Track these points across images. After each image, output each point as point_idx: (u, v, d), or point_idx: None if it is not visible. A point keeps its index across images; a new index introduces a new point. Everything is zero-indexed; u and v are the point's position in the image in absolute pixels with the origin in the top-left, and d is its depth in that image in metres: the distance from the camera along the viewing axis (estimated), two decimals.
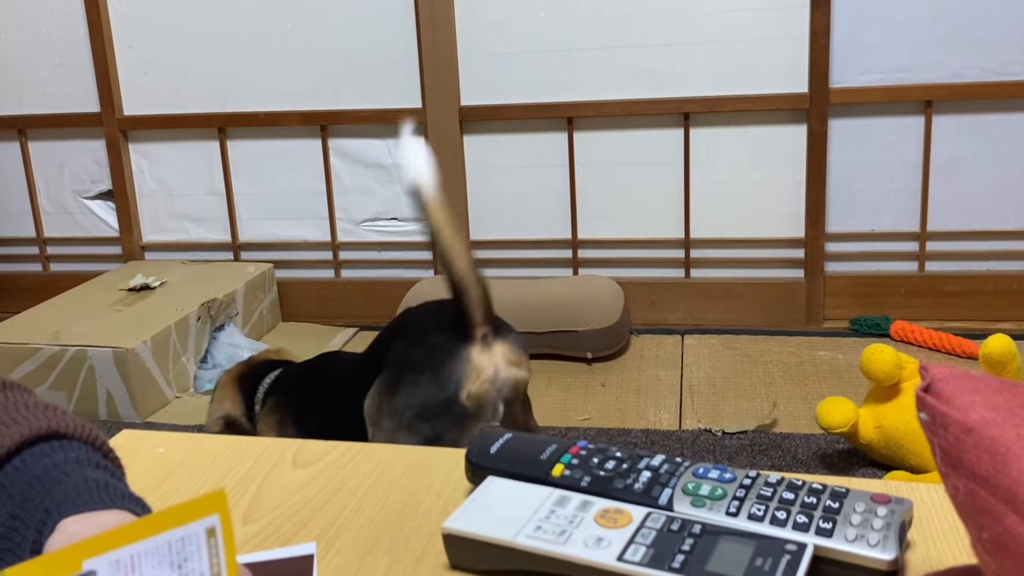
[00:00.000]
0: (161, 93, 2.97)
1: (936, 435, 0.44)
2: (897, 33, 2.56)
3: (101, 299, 2.72)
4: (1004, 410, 0.42)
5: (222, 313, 2.65)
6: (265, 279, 2.89)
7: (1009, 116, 2.57)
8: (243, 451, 0.76)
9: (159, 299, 2.69)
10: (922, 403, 0.45)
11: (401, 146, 1.53)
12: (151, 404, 2.43)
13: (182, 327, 2.54)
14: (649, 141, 2.74)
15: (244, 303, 2.78)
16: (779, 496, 0.59)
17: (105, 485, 0.50)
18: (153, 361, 2.43)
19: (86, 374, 2.39)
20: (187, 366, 2.56)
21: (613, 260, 2.86)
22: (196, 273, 2.87)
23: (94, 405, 2.41)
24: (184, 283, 2.79)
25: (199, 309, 2.59)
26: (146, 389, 2.41)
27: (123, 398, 2.38)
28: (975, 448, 0.41)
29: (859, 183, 2.69)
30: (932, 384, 0.45)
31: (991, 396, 0.43)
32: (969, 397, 0.43)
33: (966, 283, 2.69)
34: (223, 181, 3.01)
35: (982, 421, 0.42)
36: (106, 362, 2.37)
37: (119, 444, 0.78)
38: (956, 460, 0.42)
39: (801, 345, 2.63)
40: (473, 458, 0.66)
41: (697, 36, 2.64)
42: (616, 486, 0.61)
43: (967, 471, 0.41)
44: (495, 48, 2.75)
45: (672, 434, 2.11)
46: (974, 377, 0.45)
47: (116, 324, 2.53)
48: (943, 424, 0.43)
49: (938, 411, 0.44)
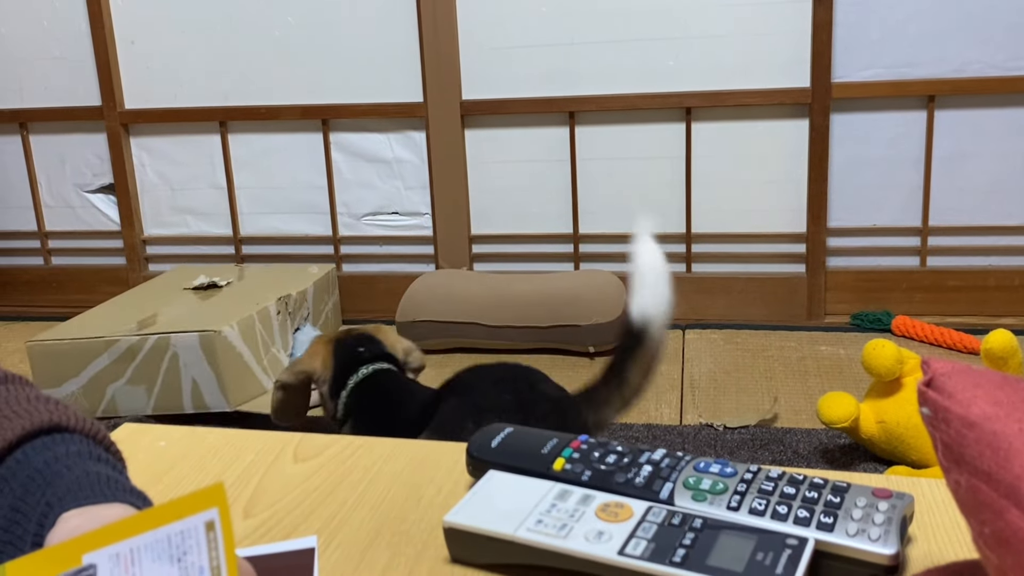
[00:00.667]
0: (162, 87, 2.97)
1: (938, 430, 0.44)
2: (900, 28, 2.55)
3: (168, 297, 2.58)
4: (1006, 405, 0.42)
5: (298, 312, 2.55)
6: (329, 280, 2.80)
7: (1012, 111, 2.57)
8: (245, 444, 0.76)
9: (230, 296, 2.56)
10: (924, 398, 0.45)
11: (636, 255, 1.36)
12: (244, 391, 2.28)
13: (265, 318, 2.40)
14: (651, 135, 2.74)
15: (313, 303, 2.69)
16: (780, 491, 0.59)
17: (107, 479, 0.50)
18: (244, 346, 2.29)
19: (169, 363, 2.24)
20: (279, 356, 2.43)
21: (614, 255, 2.85)
22: (256, 274, 2.76)
23: (177, 397, 2.27)
24: (249, 283, 2.67)
25: (277, 303, 2.47)
26: (238, 375, 2.27)
27: (211, 386, 2.24)
28: (977, 443, 0.41)
29: (861, 178, 2.69)
30: (934, 379, 0.45)
31: (993, 391, 0.43)
32: (971, 392, 0.43)
33: (967, 278, 2.69)
34: (224, 175, 3.01)
35: (984, 416, 0.42)
36: (192, 348, 2.22)
37: (120, 438, 0.78)
38: (958, 455, 0.42)
39: (802, 340, 2.63)
40: (474, 452, 0.66)
41: (698, 30, 2.64)
42: (617, 480, 0.61)
43: (969, 466, 0.41)
44: (496, 42, 2.74)
45: (673, 428, 2.11)
46: (976, 372, 0.45)
47: (195, 315, 2.38)
48: (945, 419, 0.43)
49: (940, 406, 0.44)
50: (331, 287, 2.82)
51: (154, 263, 3.15)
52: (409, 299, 2.59)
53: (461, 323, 2.53)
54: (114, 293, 3.13)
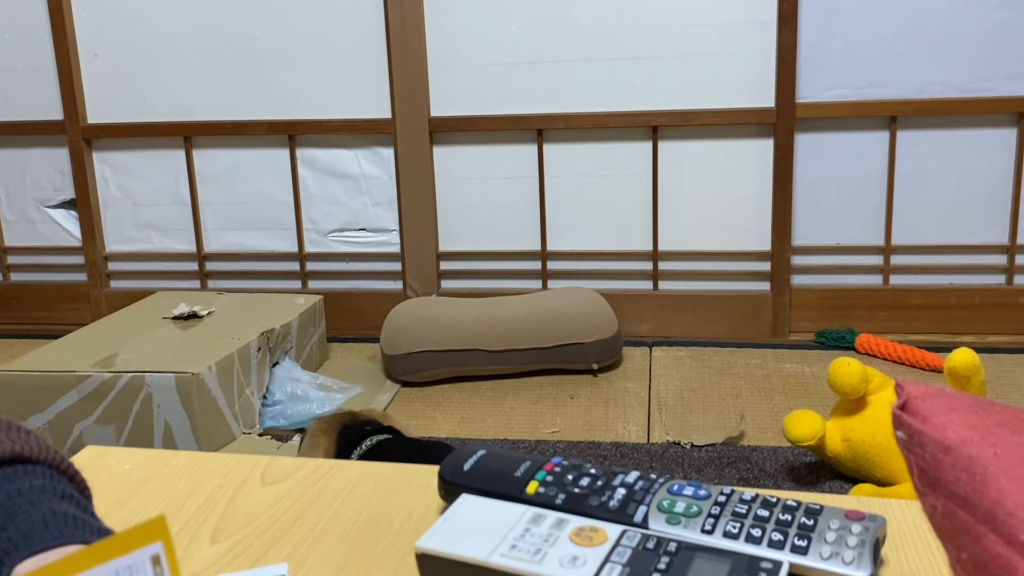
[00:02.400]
0: (126, 101, 2.94)
1: (913, 454, 0.43)
2: (863, 49, 2.59)
3: (145, 327, 2.45)
4: (980, 428, 0.42)
5: (279, 346, 2.44)
6: (315, 312, 2.68)
7: (972, 132, 2.61)
8: (211, 468, 0.75)
9: (210, 328, 2.43)
10: (899, 421, 0.45)
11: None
12: (216, 439, 2.16)
13: (244, 357, 2.27)
14: (618, 154, 2.76)
15: (297, 337, 2.56)
16: (754, 513, 0.59)
17: (72, 519, 0.49)
18: (219, 390, 2.17)
19: (142, 404, 2.12)
20: (251, 400, 2.30)
21: (582, 272, 2.86)
22: (239, 303, 2.64)
23: (148, 440, 2.13)
24: (232, 313, 2.55)
25: (259, 339, 2.34)
26: (211, 421, 2.14)
27: (184, 431, 2.11)
28: (953, 467, 0.41)
29: (825, 197, 2.72)
30: (908, 402, 0.45)
31: (967, 414, 0.43)
32: (945, 415, 0.43)
33: (930, 296, 2.73)
34: (188, 190, 2.98)
35: (959, 440, 0.41)
36: (167, 389, 2.09)
37: (83, 461, 0.76)
38: (933, 479, 0.42)
39: (768, 357, 2.65)
40: (446, 475, 0.66)
41: (666, 50, 2.66)
42: (591, 503, 0.61)
43: (945, 490, 0.41)
44: (465, 59, 2.75)
45: (641, 447, 2.11)
46: (949, 395, 0.45)
47: (172, 351, 2.25)
48: (920, 443, 0.43)
49: (915, 429, 0.43)
50: (317, 319, 2.70)
51: (116, 279, 3.10)
52: (397, 330, 2.51)
53: (461, 351, 2.48)
54: (75, 310, 3.09)
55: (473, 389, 2.49)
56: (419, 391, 2.50)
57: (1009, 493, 0.38)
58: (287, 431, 2.27)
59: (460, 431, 2.24)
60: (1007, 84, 2.56)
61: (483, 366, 2.50)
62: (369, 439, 1.63)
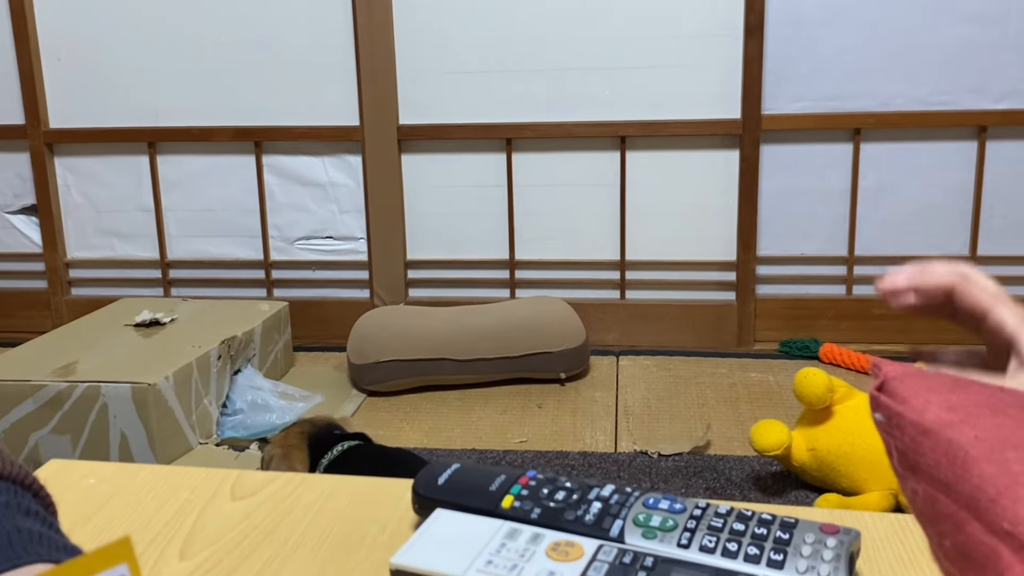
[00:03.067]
0: (89, 106, 2.90)
1: (892, 436, 0.42)
2: (828, 62, 2.62)
3: (106, 335, 2.41)
4: (960, 410, 0.41)
5: (241, 354, 2.41)
6: (280, 319, 2.65)
7: (933, 145, 2.65)
8: (179, 481, 0.74)
9: (172, 336, 2.41)
10: (876, 403, 0.43)
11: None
12: (172, 449, 2.14)
13: (204, 365, 2.25)
14: (587, 163, 2.76)
15: (261, 344, 2.53)
16: (729, 527, 0.59)
17: (39, 536, 0.47)
18: (176, 400, 2.15)
19: (98, 414, 2.09)
20: (209, 409, 2.27)
21: (550, 281, 2.86)
22: (202, 310, 2.61)
23: (105, 450, 2.11)
24: (195, 320, 2.52)
25: (219, 347, 2.32)
26: (168, 432, 2.12)
27: (141, 442, 2.09)
28: (932, 451, 0.40)
29: (790, 208, 2.75)
30: (885, 382, 0.43)
31: (946, 394, 0.42)
32: (924, 396, 0.42)
33: (891, 307, 2.75)
34: (152, 197, 2.94)
35: (939, 422, 0.40)
36: (123, 400, 2.07)
37: (47, 475, 0.75)
38: (913, 463, 0.41)
39: (733, 366, 2.66)
40: (420, 490, 0.65)
41: (634, 61, 2.67)
42: (567, 517, 0.61)
43: (926, 475, 0.40)
44: (434, 67, 2.74)
45: (609, 456, 2.11)
46: (928, 375, 0.43)
47: (130, 360, 2.22)
48: (899, 425, 0.42)
49: (893, 411, 0.42)
50: (282, 326, 2.67)
51: (77, 287, 3.06)
52: (364, 339, 2.49)
53: (430, 360, 2.46)
54: (35, 317, 3.04)
55: (440, 399, 2.48)
56: (386, 400, 2.48)
57: (990, 478, 0.37)
58: (246, 441, 2.24)
59: (427, 441, 2.23)
60: (968, 98, 2.60)
61: (451, 375, 2.49)
62: (340, 444, 1.62)
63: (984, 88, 2.59)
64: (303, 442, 1.66)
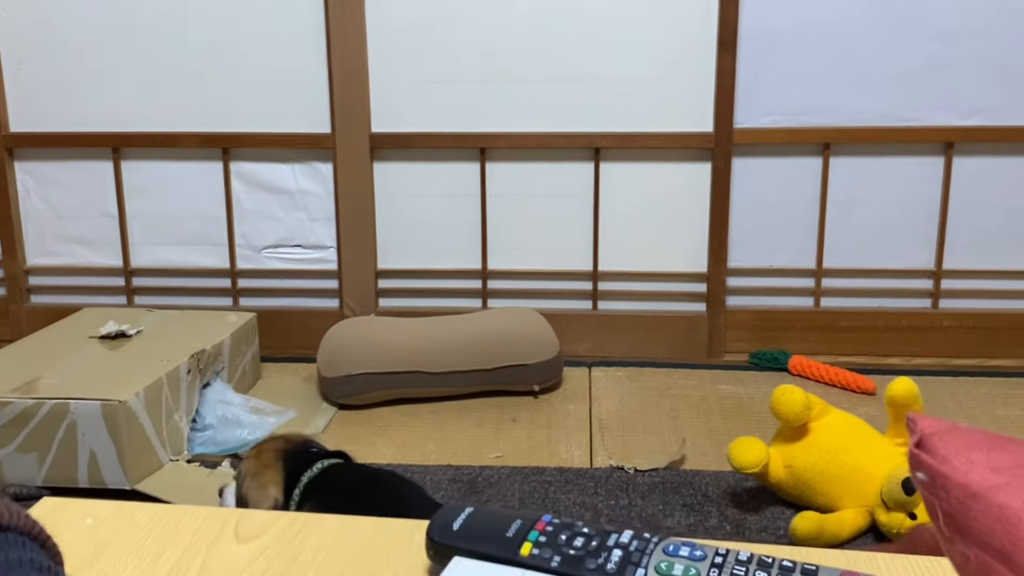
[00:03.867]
0: (52, 110, 2.84)
1: (937, 497, 0.41)
2: (799, 77, 2.64)
3: (71, 348, 2.36)
4: (1005, 472, 0.40)
5: (210, 367, 2.35)
6: (248, 330, 2.61)
7: (901, 159, 2.69)
8: (180, 523, 0.71)
9: (139, 349, 2.36)
10: (917, 462, 0.42)
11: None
12: (143, 467, 2.09)
13: (174, 380, 2.21)
14: (560, 174, 2.76)
15: (229, 357, 2.49)
16: (752, 575, 0.58)
17: None
18: (147, 417, 2.10)
19: (66, 432, 2.03)
20: (180, 425, 2.23)
21: (522, 291, 2.85)
22: (169, 321, 2.56)
23: (73, 469, 2.05)
24: (161, 332, 2.47)
25: (188, 361, 2.27)
26: (138, 449, 2.07)
27: (110, 459, 2.03)
28: (984, 516, 0.39)
29: (760, 220, 2.77)
30: (923, 439, 0.42)
31: (988, 453, 0.41)
32: (966, 455, 0.41)
33: (858, 319, 2.79)
34: (116, 203, 2.89)
35: (987, 486, 0.39)
36: (93, 417, 2.01)
37: (40, 515, 0.72)
38: (962, 526, 0.40)
39: (704, 378, 2.67)
40: (436, 536, 0.64)
41: (609, 73, 2.68)
42: (588, 566, 0.60)
43: (978, 541, 0.39)
44: (407, 76, 2.72)
45: (585, 472, 2.11)
46: (965, 431, 0.43)
47: (98, 375, 2.18)
48: (944, 487, 0.41)
49: (937, 472, 0.41)
50: (250, 337, 2.62)
51: (37, 295, 2.99)
52: (335, 352, 2.46)
53: (403, 373, 2.43)
54: None
55: (414, 412, 2.46)
56: (357, 414, 2.46)
57: None
58: (217, 457, 2.20)
59: (401, 457, 2.21)
60: (935, 114, 2.64)
61: (424, 388, 2.47)
62: (319, 463, 1.58)
63: (951, 104, 2.63)
64: (278, 460, 1.63)
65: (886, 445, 1.87)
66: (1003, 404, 2.48)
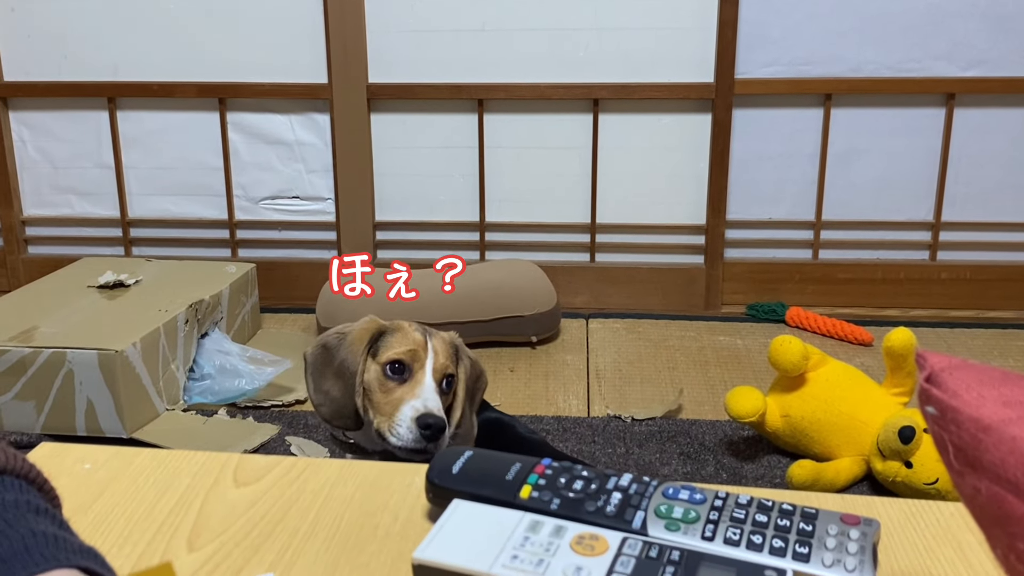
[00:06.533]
0: (46, 59, 2.80)
1: (947, 431, 0.41)
2: (801, 27, 2.61)
3: (69, 297, 2.34)
4: (1018, 405, 0.40)
5: (208, 317, 2.35)
6: (247, 281, 2.59)
7: (903, 111, 2.67)
8: (178, 466, 0.72)
9: (137, 298, 2.34)
10: (927, 396, 0.42)
11: None
12: (139, 417, 2.10)
13: (171, 330, 2.20)
14: (559, 126, 2.74)
15: (228, 307, 2.47)
16: (752, 518, 0.58)
17: (54, 539, 0.45)
18: (143, 367, 2.10)
19: (63, 381, 2.04)
20: (176, 375, 2.23)
21: (520, 243, 2.85)
22: (167, 271, 2.55)
23: (71, 418, 2.06)
24: (160, 282, 2.46)
25: (187, 311, 2.26)
26: (135, 399, 2.07)
27: (107, 409, 2.04)
28: (996, 448, 0.39)
29: (759, 172, 2.75)
30: (933, 375, 0.42)
31: (998, 388, 0.41)
32: (976, 390, 0.41)
33: (857, 271, 2.79)
34: (112, 154, 2.87)
35: (999, 419, 0.39)
36: (90, 366, 2.01)
37: (39, 460, 0.72)
38: (974, 459, 0.40)
39: (701, 330, 2.68)
40: (435, 479, 0.64)
41: (609, 23, 2.64)
42: (587, 508, 0.60)
43: (990, 473, 0.39)
44: (405, 25, 2.69)
45: (583, 421, 2.12)
46: (976, 367, 0.43)
47: (96, 324, 2.17)
48: (955, 420, 0.40)
49: (947, 405, 0.41)
50: (249, 288, 2.61)
51: (34, 245, 2.98)
52: (334, 303, 2.46)
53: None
54: None
55: None
56: None
57: None
58: (214, 406, 2.21)
59: None
60: (937, 64, 2.61)
61: None
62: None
63: (953, 55, 2.60)
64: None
65: (883, 395, 1.88)
66: (999, 355, 2.49)
